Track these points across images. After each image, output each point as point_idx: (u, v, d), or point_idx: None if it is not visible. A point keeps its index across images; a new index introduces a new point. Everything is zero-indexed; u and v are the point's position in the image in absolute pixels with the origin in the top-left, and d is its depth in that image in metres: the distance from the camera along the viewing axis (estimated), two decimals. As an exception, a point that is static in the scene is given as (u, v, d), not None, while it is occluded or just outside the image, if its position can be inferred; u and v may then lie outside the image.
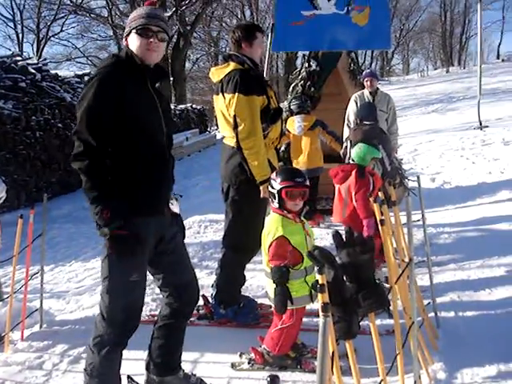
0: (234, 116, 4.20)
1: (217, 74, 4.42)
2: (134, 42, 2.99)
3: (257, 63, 4.46)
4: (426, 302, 3.99)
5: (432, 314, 4.13)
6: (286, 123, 7.69)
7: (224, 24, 42.00)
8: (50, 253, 7.11)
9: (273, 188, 3.62)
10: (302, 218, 3.69)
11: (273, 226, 3.60)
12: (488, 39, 76.32)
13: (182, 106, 23.89)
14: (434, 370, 3.49)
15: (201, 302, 4.25)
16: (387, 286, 3.16)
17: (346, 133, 7.67)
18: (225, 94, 4.27)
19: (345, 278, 2.34)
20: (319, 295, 1.95)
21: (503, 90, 25.41)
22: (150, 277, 3.25)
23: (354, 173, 4.60)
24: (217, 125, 24.59)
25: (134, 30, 2.98)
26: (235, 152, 4.34)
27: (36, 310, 4.63)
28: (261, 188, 4.23)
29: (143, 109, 2.95)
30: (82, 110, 2.84)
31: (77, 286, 6.01)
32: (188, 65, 36.74)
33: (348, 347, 2.47)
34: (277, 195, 3.58)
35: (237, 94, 4.15)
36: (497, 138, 13.56)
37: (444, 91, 30.37)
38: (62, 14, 34.45)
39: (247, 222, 4.41)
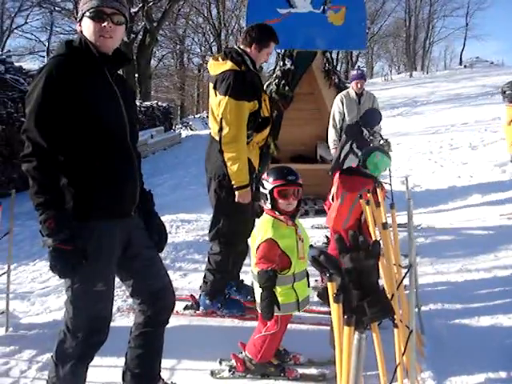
0: (221, 119, 4.17)
1: (214, 68, 4.38)
2: (87, 28, 2.69)
3: (256, 66, 4.42)
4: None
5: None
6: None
7: (190, 22, 41.72)
8: (13, 251, 6.70)
9: (264, 188, 3.46)
10: (296, 222, 3.53)
11: (262, 227, 3.43)
12: (451, 45, 77.80)
13: (148, 103, 23.55)
14: (423, 379, 3.40)
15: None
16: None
17: (332, 134, 7.55)
18: (217, 93, 4.25)
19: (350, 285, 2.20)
20: (333, 306, 1.79)
21: (466, 96, 25.87)
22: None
23: (369, 187, 4.40)
24: (181, 122, 24.62)
25: (86, 14, 2.68)
26: (218, 147, 4.29)
27: (1, 312, 4.37)
28: (236, 193, 4.25)
29: (100, 102, 2.68)
30: (30, 106, 2.58)
31: (41, 286, 5.73)
32: (153, 62, 36.25)
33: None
34: (269, 195, 3.42)
35: (227, 97, 4.12)
36: (464, 143, 13.70)
37: (408, 95, 30.77)
38: (26, 6, 33.65)
39: (229, 215, 4.42)
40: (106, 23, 2.66)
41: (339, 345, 1.78)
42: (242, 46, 4.40)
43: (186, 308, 4.70)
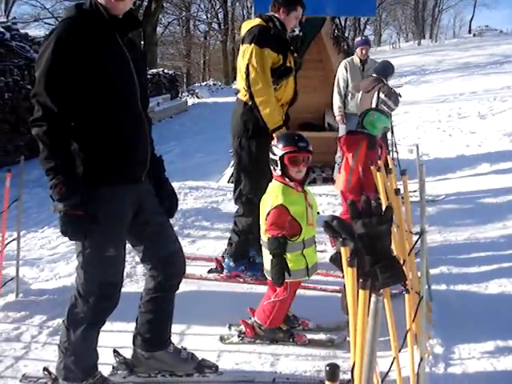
0: (247, 65, 4.34)
1: (244, 28, 4.63)
2: None
3: (286, 29, 4.59)
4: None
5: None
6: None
7: (196, -12, 41.14)
8: (21, 218, 6.82)
9: (274, 155, 3.43)
10: (305, 189, 3.51)
11: (273, 193, 3.42)
12: (460, 13, 76.62)
13: (154, 71, 23.37)
14: (431, 345, 3.41)
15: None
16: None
17: (337, 100, 7.51)
18: (243, 45, 4.46)
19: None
20: (348, 270, 1.79)
21: (475, 64, 25.57)
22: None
23: (364, 143, 4.59)
24: (187, 89, 24.48)
25: None
26: (242, 105, 4.50)
27: (12, 278, 4.40)
28: (274, 135, 4.27)
29: (111, 66, 2.64)
30: (40, 69, 2.55)
31: (50, 253, 5.77)
32: (159, 29, 35.81)
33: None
34: (279, 162, 3.40)
35: (252, 45, 4.32)
36: (472, 112, 13.57)
37: (416, 63, 30.42)
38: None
39: (249, 174, 4.55)
40: None
41: (353, 308, 1.78)
42: (271, 13, 4.57)
43: (210, 271, 4.78)
